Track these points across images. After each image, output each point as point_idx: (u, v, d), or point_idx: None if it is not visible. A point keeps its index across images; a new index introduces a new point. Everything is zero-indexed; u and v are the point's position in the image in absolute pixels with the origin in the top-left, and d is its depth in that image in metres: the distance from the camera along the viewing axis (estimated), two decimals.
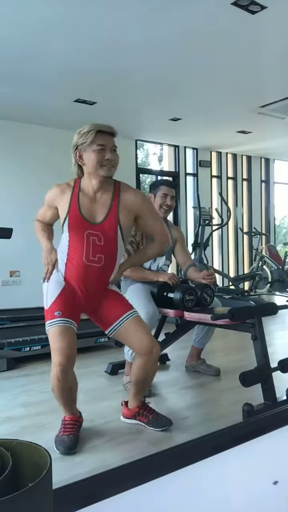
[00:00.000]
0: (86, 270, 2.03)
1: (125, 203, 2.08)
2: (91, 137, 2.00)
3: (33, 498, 0.80)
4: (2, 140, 5.58)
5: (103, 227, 2.03)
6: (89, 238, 2.01)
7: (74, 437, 2.03)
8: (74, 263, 2.04)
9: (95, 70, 4.13)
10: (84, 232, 2.01)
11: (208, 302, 2.78)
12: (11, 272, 5.64)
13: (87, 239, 2.01)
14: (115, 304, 2.13)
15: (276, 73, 4.40)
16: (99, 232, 2.02)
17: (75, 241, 2.03)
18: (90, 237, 2.01)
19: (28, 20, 3.22)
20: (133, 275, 2.83)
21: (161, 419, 2.21)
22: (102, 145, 2.01)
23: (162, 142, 7.36)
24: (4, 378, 3.17)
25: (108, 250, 2.05)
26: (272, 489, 1.55)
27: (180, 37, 3.54)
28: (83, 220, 2.02)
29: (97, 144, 2.01)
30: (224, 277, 7.26)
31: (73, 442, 2.00)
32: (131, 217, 2.11)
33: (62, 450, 1.97)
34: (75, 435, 2.04)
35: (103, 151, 2.02)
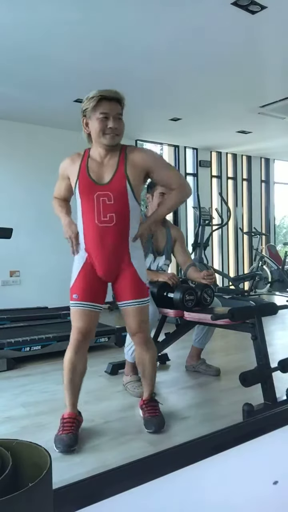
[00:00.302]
0: (100, 233, 2.03)
1: (133, 161, 2.06)
2: (94, 103, 1.99)
3: (33, 498, 0.80)
4: (2, 140, 5.58)
5: (111, 185, 2.02)
6: (99, 199, 2.01)
7: (73, 435, 2.03)
8: (89, 229, 2.06)
9: (95, 70, 4.13)
10: (94, 194, 2.02)
11: (208, 302, 2.78)
12: (11, 272, 5.64)
13: (97, 200, 2.02)
14: (127, 286, 2.14)
15: (276, 73, 4.40)
16: (108, 191, 2.02)
17: (86, 206, 2.05)
18: (100, 198, 2.01)
19: (29, 21, 3.22)
20: None
21: (153, 422, 2.18)
22: (105, 113, 2.00)
23: (162, 142, 7.36)
24: (4, 378, 3.17)
25: (119, 208, 2.03)
26: (272, 489, 1.55)
27: (180, 37, 3.54)
28: (92, 182, 2.03)
29: (100, 112, 2.00)
30: (224, 277, 7.26)
31: (72, 440, 2.00)
32: (140, 174, 2.07)
33: (61, 449, 1.97)
34: (74, 433, 2.04)
35: (106, 119, 2.00)
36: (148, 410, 2.24)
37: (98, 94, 2.00)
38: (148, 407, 2.26)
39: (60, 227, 2.24)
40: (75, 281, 2.12)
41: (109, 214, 2.01)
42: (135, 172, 2.05)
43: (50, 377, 3.14)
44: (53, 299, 5.58)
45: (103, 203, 2.01)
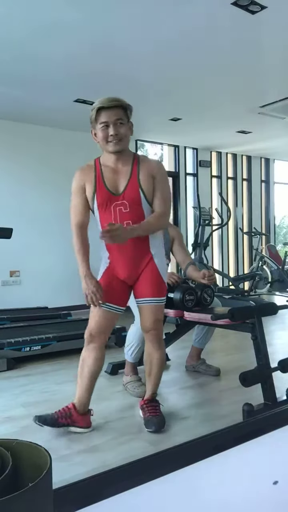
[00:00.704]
0: None
1: (144, 169, 2.14)
2: (94, 115, 2.07)
3: (33, 498, 0.80)
4: (3, 139, 5.58)
5: (126, 195, 2.11)
6: (116, 209, 2.10)
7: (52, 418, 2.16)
8: None
9: (95, 70, 4.13)
10: (111, 205, 2.11)
11: (208, 302, 2.78)
12: (11, 272, 5.64)
13: (114, 210, 2.10)
14: (146, 284, 2.19)
15: (276, 73, 4.40)
16: (124, 201, 2.10)
17: (105, 216, 2.11)
18: (117, 208, 2.10)
19: (28, 21, 3.22)
20: None
21: (153, 422, 2.19)
22: (104, 122, 2.07)
23: (162, 142, 7.36)
24: (4, 378, 3.17)
25: (134, 215, 2.10)
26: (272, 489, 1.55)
27: (180, 37, 3.54)
28: (109, 194, 2.11)
29: (100, 122, 2.07)
30: (224, 277, 7.26)
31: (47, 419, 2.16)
32: (151, 180, 2.13)
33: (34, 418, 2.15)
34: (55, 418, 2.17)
35: (106, 128, 2.07)
36: (149, 410, 2.25)
37: (96, 107, 2.07)
38: (149, 407, 2.27)
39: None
40: None
41: (126, 221, 2.08)
42: (147, 177, 2.12)
43: (50, 377, 3.14)
44: (53, 299, 5.59)
45: (119, 212, 2.10)
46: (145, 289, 2.19)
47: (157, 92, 4.81)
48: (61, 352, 3.61)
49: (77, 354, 3.57)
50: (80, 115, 5.16)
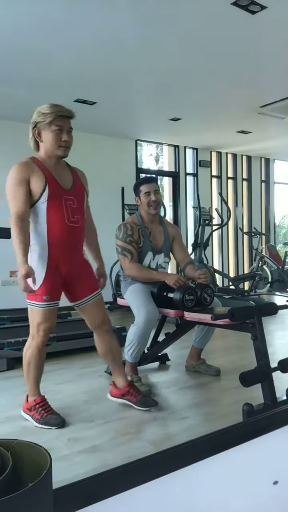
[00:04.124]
0: (69, 231, 2.21)
1: (82, 179, 2.37)
2: (50, 118, 2.15)
3: (33, 498, 0.80)
4: (3, 139, 5.58)
5: (74, 192, 2.27)
6: (66, 203, 2.21)
7: (55, 412, 2.28)
8: (57, 227, 2.18)
9: (95, 70, 4.14)
10: (62, 198, 2.20)
11: (208, 302, 2.78)
12: (11, 272, 5.63)
13: (65, 203, 2.21)
14: (87, 281, 2.35)
15: (276, 73, 4.40)
16: (73, 197, 2.25)
17: (55, 208, 2.18)
18: (67, 202, 2.22)
19: (28, 21, 3.22)
20: (139, 276, 2.84)
21: (148, 400, 2.40)
22: (59, 126, 2.17)
23: (162, 142, 7.36)
24: (4, 378, 3.17)
25: (81, 212, 2.28)
26: (272, 489, 1.55)
27: (180, 37, 3.54)
28: (60, 187, 2.21)
29: (56, 125, 2.16)
30: (224, 277, 7.26)
31: (60, 417, 2.26)
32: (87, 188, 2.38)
33: (60, 425, 2.21)
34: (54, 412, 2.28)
35: (60, 132, 2.18)
36: (138, 392, 2.43)
37: (55, 112, 2.15)
38: (134, 390, 2.45)
39: None
40: (44, 283, 2.20)
41: (76, 216, 2.24)
42: (84, 183, 2.36)
43: (50, 377, 3.13)
44: None
45: (70, 206, 2.22)
46: (86, 288, 2.33)
47: (157, 92, 4.81)
48: (61, 352, 3.61)
49: (77, 354, 3.60)
50: (80, 115, 5.16)
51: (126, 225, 2.90)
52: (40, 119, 2.17)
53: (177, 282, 2.77)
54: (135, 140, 6.78)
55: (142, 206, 2.97)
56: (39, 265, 2.20)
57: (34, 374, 2.30)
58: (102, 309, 2.39)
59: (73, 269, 2.28)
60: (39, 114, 2.17)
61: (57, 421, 2.22)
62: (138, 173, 6.88)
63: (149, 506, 1.34)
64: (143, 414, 2.39)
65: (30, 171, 2.16)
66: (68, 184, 2.25)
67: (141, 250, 2.90)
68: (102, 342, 2.42)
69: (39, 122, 2.18)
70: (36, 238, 2.21)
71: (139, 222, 2.95)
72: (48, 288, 2.20)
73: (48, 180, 2.17)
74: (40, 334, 2.25)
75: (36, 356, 2.27)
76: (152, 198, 2.93)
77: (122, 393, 2.46)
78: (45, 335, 2.25)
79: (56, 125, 2.15)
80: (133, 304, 2.79)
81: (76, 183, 2.29)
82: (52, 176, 2.19)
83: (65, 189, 2.22)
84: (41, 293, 2.19)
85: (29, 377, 2.31)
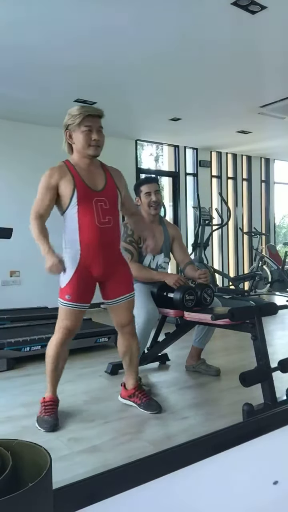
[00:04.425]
0: (100, 233, 2.22)
1: (116, 178, 2.37)
2: (79, 119, 2.20)
3: (33, 498, 0.80)
4: (2, 140, 5.58)
5: (106, 192, 2.27)
6: (97, 204, 2.23)
7: (56, 416, 2.27)
8: (88, 229, 2.20)
9: (95, 70, 4.13)
10: (92, 200, 2.22)
11: (208, 302, 2.78)
12: (11, 272, 5.63)
13: (95, 205, 2.22)
14: (122, 282, 2.36)
15: (276, 73, 4.40)
16: (104, 197, 2.25)
17: (85, 210, 2.20)
18: (98, 203, 2.23)
19: (29, 21, 3.22)
20: (139, 276, 2.84)
21: (153, 404, 2.42)
22: (89, 126, 2.21)
23: (162, 142, 7.36)
24: (4, 378, 3.17)
25: (113, 212, 2.28)
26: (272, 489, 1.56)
27: (180, 37, 3.54)
28: (89, 189, 2.23)
29: (85, 125, 2.21)
30: (224, 277, 7.26)
31: (55, 421, 2.23)
32: (121, 188, 2.37)
33: (48, 428, 2.19)
34: (56, 414, 2.28)
35: (90, 132, 2.22)
36: (143, 396, 2.45)
37: (83, 113, 2.20)
38: (141, 393, 2.47)
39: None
40: (69, 283, 2.23)
41: (108, 216, 2.24)
42: (118, 182, 2.36)
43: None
44: (53, 299, 5.55)
45: (101, 207, 2.23)
46: (120, 288, 2.35)
47: (157, 92, 4.81)
48: None
49: (78, 354, 3.60)
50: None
51: (126, 225, 2.90)
52: (70, 121, 2.23)
53: (177, 282, 2.77)
54: (135, 140, 6.78)
55: (143, 206, 2.97)
56: (70, 266, 2.23)
57: (49, 368, 2.32)
58: (130, 311, 2.41)
59: (107, 269, 2.28)
60: (69, 116, 2.24)
61: (47, 424, 2.21)
62: (138, 173, 6.88)
63: (149, 506, 1.34)
64: (143, 414, 2.39)
65: (60, 177, 2.21)
66: (99, 185, 2.27)
67: (141, 250, 2.91)
68: (124, 343, 2.45)
69: (69, 125, 2.24)
70: (69, 242, 2.25)
71: None
72: (72, 289, 2.23)
73: (77, 184, 2.20)
74: (60, 330, 2.28)
75: (54, 351, 2.29)
76: (152, 199, 2.93)
77: (128, 394, 2.50)
78: (63, 333, 2.27)
79: (86, 125, 2.20)
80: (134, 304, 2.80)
81: (108, 183, 2.30)
82: (81, 180, 2.22)
83: (95, 191, 2.24)
84: (65, 291, 2.25)
85: (46, 372, 2.35)
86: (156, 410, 2.38)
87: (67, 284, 2.23)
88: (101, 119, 2.26)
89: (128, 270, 2.42)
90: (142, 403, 2.42)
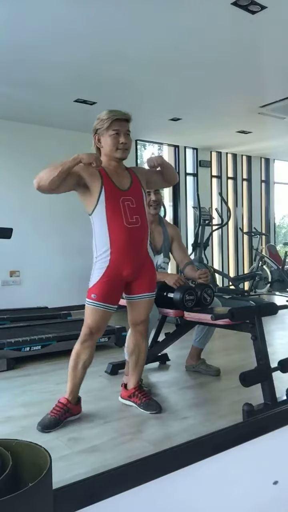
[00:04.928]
0: (129, 233, 2.23)
1: (139, 174, 2.41)
2: (108, 123, 2.25)
3: (33, 498, 0.80)
4: (5, 139, 5.58)
5: (132, 191, 2.30)
6: (124, 204, 2.25)
7: (55, 420, 2.22)
8: (117, 230, 2.22)
9: (95, 70, 4.13)
10: (120, 198, 2.24)
11: (208, 302, 2.78)
12: (11, 272, 5.63)
13: (123, 204, 2.24)
14: (146, 280, 2.37)
15: (276, 73, 4.40)
16: (131, 197, 2.28)
17: (113, 210, 2.22)
18: (125, 202, 2.25)
19: (29, 20, 3.22)
20: None
21: (152, 405, 2.42)
22: (116, 130, 2.26)
23: (162, 142, 7.35)
24: (4, 378, 3.16)
25: (140, 211, 2.30)
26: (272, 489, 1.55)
27: (180, 37, 3.54)
28: (117, 188, 2.26)
29: (113, 129, 2.26)
30: (224, 277, 7.26)
31: (51, 423, 2.20)
32: (145, 184, 2.41)
33: (39, 428, 2.19)
34: (56, 418, 2.23)
35: (117, 135, 2.27)
36: (143, 395, 2.46)
37: (111, 117, 2.25)
38: (141, 393, 2.47)
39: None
40: (97, 283, 2.25)
41: (135, 216, 2.26)
42: (143, 181, 2.39)
43: (50, 377, 3.14)
44: (53, 299, 5.58)
45: (128, 206, 2.26)
46: (144, 285, 2.36)
47: (157, 92, 4.81)
48: (61, 352, 3.60)
49: None
50: (80, 115, 5.17)
51: None
52: (99, 125, 2.27)
53: (177, 282, 2.77)
54: (135, 140, 6.77)
55: (148, 203, 2.96)
56: (100, 270, 2.25)
57: (69, 366, 2.32)
58: (147, 311, 2.42)
59: (136, 269, 2.30)
60: (98, 120, 2.29)
61: (40, 424, 2.21)
62: None
63: (149, 506, 1.34)
64: (143, 414, 2.39)
65: (88, 171, 2.20)
66: (125, 184, 2.30)
67: None
68: (134, 340, 2.47)
69: (98, 129, 2.28)
70: (100, 244, 2.25)
71: None
72: (99, 289, 2.24)
73: (104, 182, 2.22)
74: (82, 330, 2.29)
75: (75, 349, 2.31)
76: (152, 198, 2.93)
77: (128, 394, 2.50)
78: (84, 332, 2.27)
79: (114, 129, 2.25)
80: None
81: (133, 183, 2.33)
82: (109, 178, 2.24)
83: (122, 190, 2.26)
84: (92, 291, 2.26)
85: (68, 371, 2.34)
86: (156, 410, 2.39)
87: (95, 284, 2.25)
88: (129, 123, 2.32)
89: (154, 268, 2.45)
90: (142, 403, 2.42)
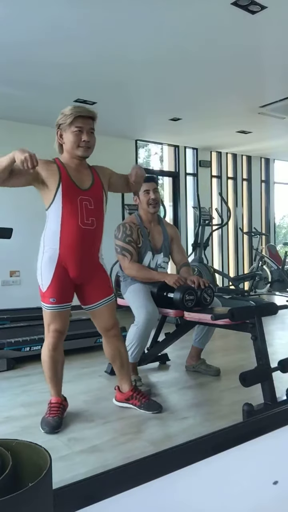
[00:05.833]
0: (82, 234, 2.18)
1: (102, 175, 2.33)
2: (70, 119, 2.16)
3: (33, 498, 0.80)
4: (5, 139, 5.58)
5: (92, 192, 2.24)
6: (82, 203, 2.19)
7: (59, 418, 2.25)
8: (69, 229, 2.17)
9: (95, 70, 4.13)
10: (77, 197, 2.18)
11: (208, 302, 2.78)
12: (11, 272, 5.63)
13: (80, 204, 2.18)
14: (100, 286, 2.34)
15: (276, 73, 4.40)
16: (89, 197, 2.22)
17: (69, 208, 2.16)
18: (83, 202, 2.19)
19: (29, 21, 3.22)
20: (138, 276, 2.84)
21: (153, 405, 2.42)
22: (79, 127, 2.18)
23: (162, 142, 7.35)
24: (4, 378, 3.17)
25: (97, 213, 2.25)
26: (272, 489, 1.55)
27: (180, 37, 3.54)
28: (75, 186, 2.19)
29: (75, 126, 2.17)
30: (224, 277, 7.26)
31: (57, 423, 2.21)
32: (106, 186, 2.34)
33: (47, 430, 2.18)
34: (59, 417, 2.26)
35: (80, 133, 2.18)
36: (142, 396, 2.45)
37: (74, 113, 2.16)
38: (139, 394, 2.46)
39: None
40: (50, 286, 2.21)
41: (91, 218, 2.21)
42: (105, 182, 2.32)
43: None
44: None
45: (85, 206, 2.20)
46: (99, 291, 2.33)
47: (157, 92, 4.81)
48: None
49: (78, 354, 3.60)
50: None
51: (125, 225, 2.90)
52: (62, 121, 2.20)
53: (177, 282, 2.77)
54: (135, 140, 6.77)
55: (141, 205, 2.97)
56: (48, 267, 2.22)
57: (48, 374, 2.32)
58: (112, 314, 2.38)
59: (85, 273, 2.26)
60: (61, 115, 2.21)
61: (48, 427, 2.20)
62: None
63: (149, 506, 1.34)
64: (143, 414, 2.39)
65: (46, 167, 2.15)
66: (86, 184, 2.24)
67: (141, 250, 2.91)
68: (111, 347, 2.43)
69: (61, 124, 2.21)
70: (48, 240, 2.22)
71: (138, 222, 2.95)
72: (55, 291, 2.21)
73: (62, 178, 2.16)
74: (50, 335, 2.26)
75: (48, 356, 2.29)
76: (151, 197, 2.93)
77: (126, 397, 2.47)
78: (54, 336, 2.25)
79: (76, 126, 2.17)
80: (133, 304, 2.79)
81: (95, 183, 2.27)
82: (67, 175, 2.18)
83: (81, 189, 2.20)
84: (48, 295, 2.22)
85: (46, 376, 2.35)
86: (157, 409, 2.39)
87: (49, 288, 2.21)
88: (93, 121, 2.23)
89: (106, 274, 2.39)
90: (142, 404, 2.41)
